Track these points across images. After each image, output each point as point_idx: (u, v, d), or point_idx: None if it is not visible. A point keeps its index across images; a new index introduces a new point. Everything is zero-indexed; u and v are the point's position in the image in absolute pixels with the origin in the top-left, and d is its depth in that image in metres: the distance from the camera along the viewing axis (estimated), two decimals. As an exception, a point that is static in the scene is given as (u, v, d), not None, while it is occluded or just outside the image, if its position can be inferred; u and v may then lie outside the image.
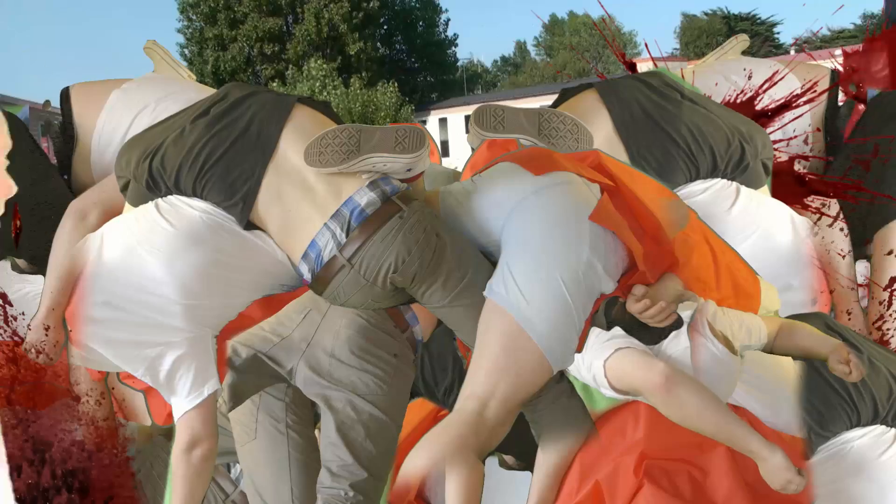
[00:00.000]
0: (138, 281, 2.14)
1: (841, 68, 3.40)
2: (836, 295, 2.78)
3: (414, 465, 1.90)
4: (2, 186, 2.57)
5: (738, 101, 2.96)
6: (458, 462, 1.99)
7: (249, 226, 2.21)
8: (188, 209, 2.21)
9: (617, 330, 2.16)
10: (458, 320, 2.21)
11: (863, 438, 2.18)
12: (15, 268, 2.78)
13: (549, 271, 1.97)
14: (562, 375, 2.23)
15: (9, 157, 2.73)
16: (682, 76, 2.98)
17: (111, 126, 2.74)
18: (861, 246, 2.95)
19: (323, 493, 2.12)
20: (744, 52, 3.40)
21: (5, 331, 2.57)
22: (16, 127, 2.81)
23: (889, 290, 2.87)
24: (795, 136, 3.06)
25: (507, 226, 2.13)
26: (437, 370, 2.47)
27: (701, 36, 37.26)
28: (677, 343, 2.19)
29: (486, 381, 1.99)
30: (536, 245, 2.06)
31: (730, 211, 2.52)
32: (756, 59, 3.30)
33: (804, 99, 2.99)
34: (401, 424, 2.26)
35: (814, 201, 2.86)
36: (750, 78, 3.01)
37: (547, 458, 2.26)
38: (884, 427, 2.20)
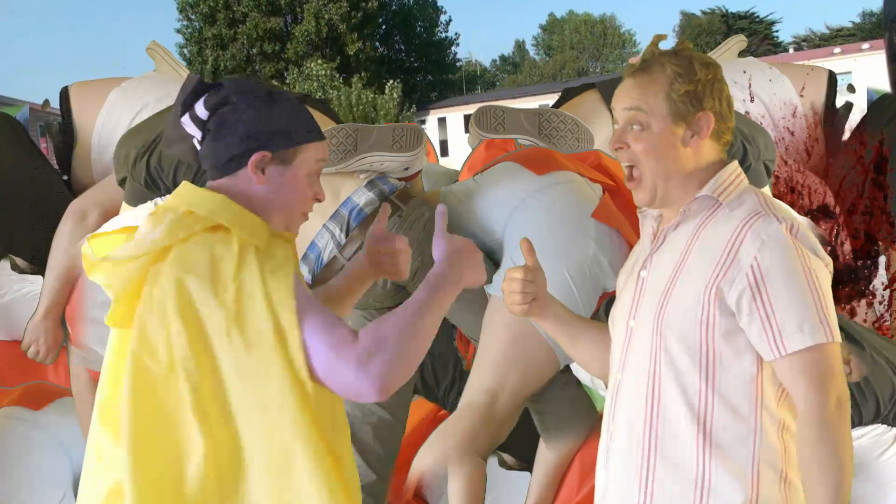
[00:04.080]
0: (138, 281, 2.13)
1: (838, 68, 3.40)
2: (836, 294, 2.77)
3: (427, 461, 1.90)
4: None
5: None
6: (464, 459, 1.99)
7: (249, 226, 2.21)
8: (187, 209, 2.21)
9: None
10: (460, 315, 2.21)
11: (863, 438, 2.17)
12: (15, 268, 2.78)
13: (556, 265, 1.97)
14: (567, 368, 2.23)
15: (9, 157, 2.72)
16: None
17: (111, 125, 2.73)
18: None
19: None
20: (743, 51, 3.39)
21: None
22: (15, 127, 2.81)
23: (889, 289, 2.87)
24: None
25: (511, 223, 2.13)
26: (437, 369, 2.46)
27: (700, 34, 37.24)
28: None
29: (495, 375, 2.00)
30: (542, 240, 2.05)
31: None
32: (754, 61, 3.29)
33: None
34: (405, 425, 2.26)
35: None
36: (750, 81, 3.00)
37: (549, 455, 2.26)
38: (884, 427, 2.19)
